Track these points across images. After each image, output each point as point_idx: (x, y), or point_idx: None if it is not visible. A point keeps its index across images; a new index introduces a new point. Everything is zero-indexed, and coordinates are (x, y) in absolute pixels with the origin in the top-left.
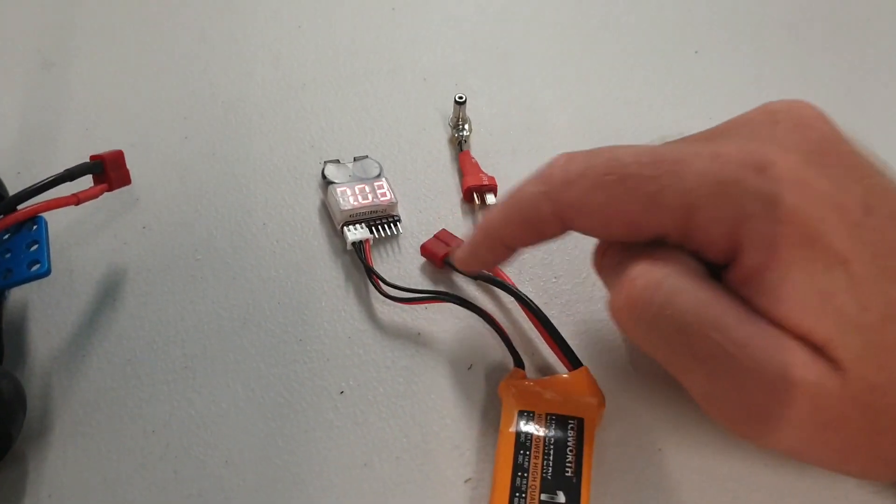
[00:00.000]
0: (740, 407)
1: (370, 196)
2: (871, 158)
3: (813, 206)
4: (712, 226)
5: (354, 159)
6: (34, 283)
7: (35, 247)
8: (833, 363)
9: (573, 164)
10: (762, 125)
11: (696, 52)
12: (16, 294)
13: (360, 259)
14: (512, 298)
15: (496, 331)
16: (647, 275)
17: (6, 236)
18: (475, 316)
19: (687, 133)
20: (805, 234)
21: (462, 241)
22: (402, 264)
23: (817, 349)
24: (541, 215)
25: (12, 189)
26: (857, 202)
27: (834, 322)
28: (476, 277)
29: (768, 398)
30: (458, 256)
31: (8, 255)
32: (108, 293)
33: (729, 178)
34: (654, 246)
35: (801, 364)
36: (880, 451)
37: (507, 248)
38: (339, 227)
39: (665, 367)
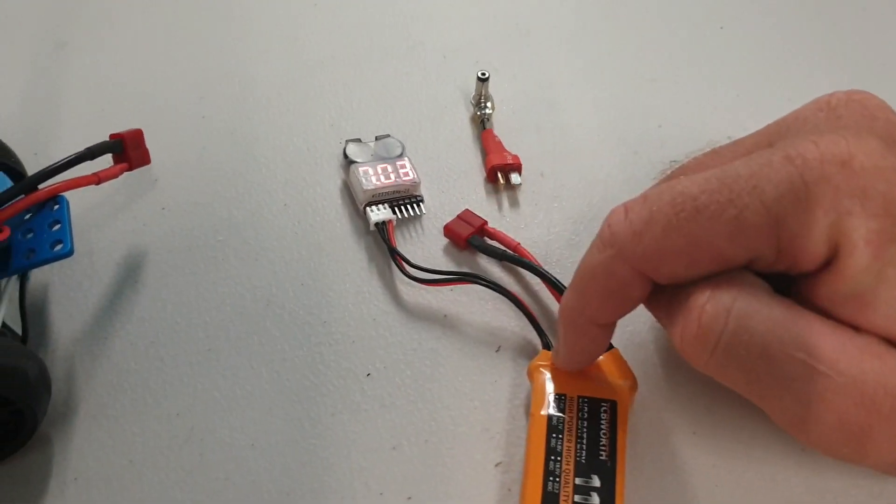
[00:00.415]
0: (839, 429)
1: (393, 176)
2: None
3: None
4: (808, 233)
5: (376, 138)
6: (55, 265)
7: (57, 227)
8: None
9: (635, 214)
10: (825, 120)
11: (721, 27)
12: (37, 276)
13: (384, 240)
14: (538, 279)
15: (523, 312)
16: (715, 300)
17: (28, 216)
18: (501, 297)
19: (736, 136)
20: None
21: (485, 220)
22: (426, 245)
23: None
24: (620, 280)
25: (31, 170)
26: None
27: None
28: (500, 258)
29: (866, 415)
30: (559, 361)
31: (30, 236)
32: (129, 275)
33: (813, 178)
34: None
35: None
36: None
37: (601, 327)
38: (361, 208)
39: (748, 397)
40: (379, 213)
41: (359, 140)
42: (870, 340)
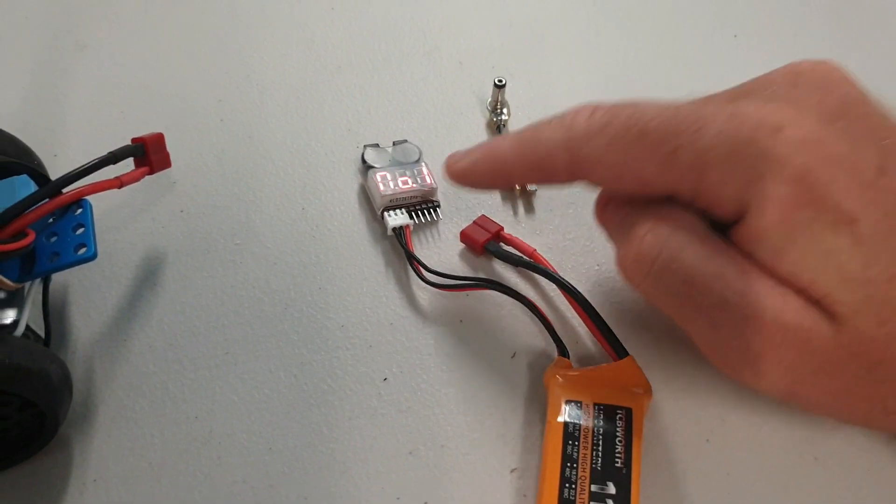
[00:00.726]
0: (738, 352)
1: (410, 181)
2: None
3: (824, 166)
4: (723, 186)
5: (394, 143)
6: (74, 268)
7: (81, 230)
8: (829, 314)
9: (597, 117)
10: (784, 86)
11: (735, 35)
12: (56, 278)
13: (401, 245)
14: (554, 286)
15: (539, 319)
16: (655, 232)
17: (51, 220)
18: (517, 303)
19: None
20: (813, 195)
21: (501, 226)
22: (442, 250)
23: (815, 302)
24: (555, 163)
25: (51, 171)
26: (871, 163)
27: (834, 277)
28: (516, 264)
29: (763, 342)
30: (453, 165)
31: (54, 239)
32: (148, 277)
33: (744, 139)
34: (658, 202)
35: (794, 310)
36: (880, 399)
37: (507, 182)
38: (378, 213)
39: (672, 317)
40: (396, 219)
41: (377, 145)
42: (777, 284)
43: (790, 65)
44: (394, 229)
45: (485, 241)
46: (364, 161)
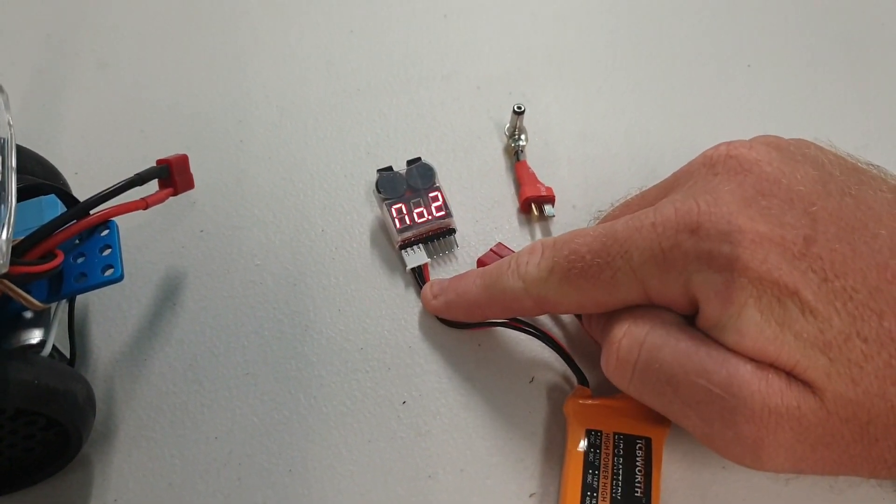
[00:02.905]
0: (735, 441)
1: (425, 212)
2: (834, 169)
3: (751, 249)
4: (666, 291)
5: (408, 163)
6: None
7: (108, 251)
8: (807, 385)
9: (543, 261)
10: (703, 177)
11: (748, 65)
12: (78, 297)
13: (419, 284)
14: (571, 315)
15: (558, 352)
16: (630, 335)
17: (78, 241)
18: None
19: None
20: (751, 276)
21: None
22: None
23: (790, 375)
24: (523, 306)
25: (73, 189)
26: (798, 235)
27: (796, 346)
28: None
29: (757, 430)
30: (429, 301)
31: (81, 260)
32: (168, 297)
33: (668, 247)
34: None
35: (779, 392)
36: (879, 456)
37: (482, 318)
38: (396, 247)
39: (666, 416)
40: (414, 256)
41: (390, 168)
42: (756, 367)
43: (706, 152)
44: (412, 269)
45: None
46: (378, 190)
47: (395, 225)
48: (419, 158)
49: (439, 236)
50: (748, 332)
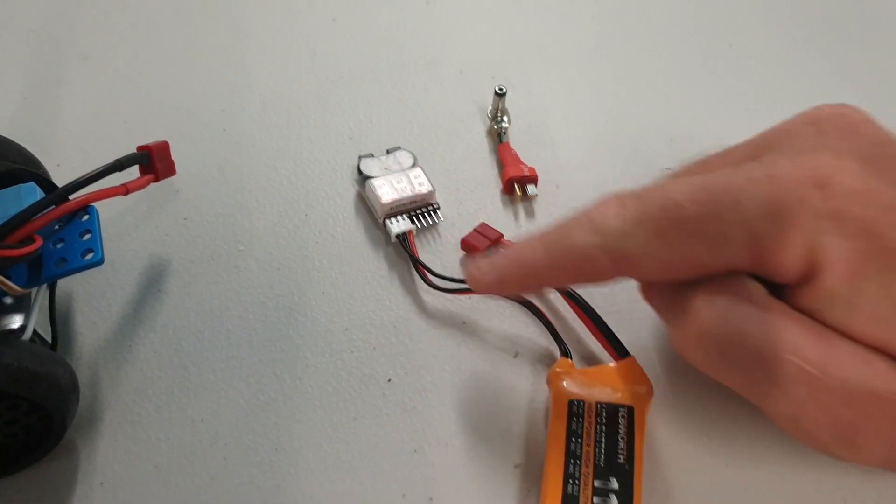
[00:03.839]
0: (828, 426)
1: (408, 187)
2: None
3: (882, 215)
4: (785, 252)
5: (387, 151)
6: (78, 275)
7: (88, 236)
8: None
9: (627, 211)
10: (808, 136)
11: (730, 45)
12: (60, 286)
13: (406, 250)
14: (555, 291)
15: (541, 321)
16: (712, 306)
17: (58, 226)
18: (519, 306)
19: (726, 143)
20: (879, 246)
21: (500, 233)
22: (444, 255)
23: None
24: (597, 266)
25: (55, 180)
26: None
27: None
28: None
29: (855, 414)
30: (481, 278)
31: (61, 245)
32: (152, 284)
33: (792, 201)
34: None
35: (883, 376)
36: None
37: (538, 287)
38: (381, 221)
39: (745, 396)
40: (399, 225)
41: (371, 155)
42: (858, 348)
43: (806, 112)
44: (397, 236)
45: (485, 249)
46: (360, 172)
47: (378, 198)
48: (398, 147)
49: (423, 212)
50: (863, 311)
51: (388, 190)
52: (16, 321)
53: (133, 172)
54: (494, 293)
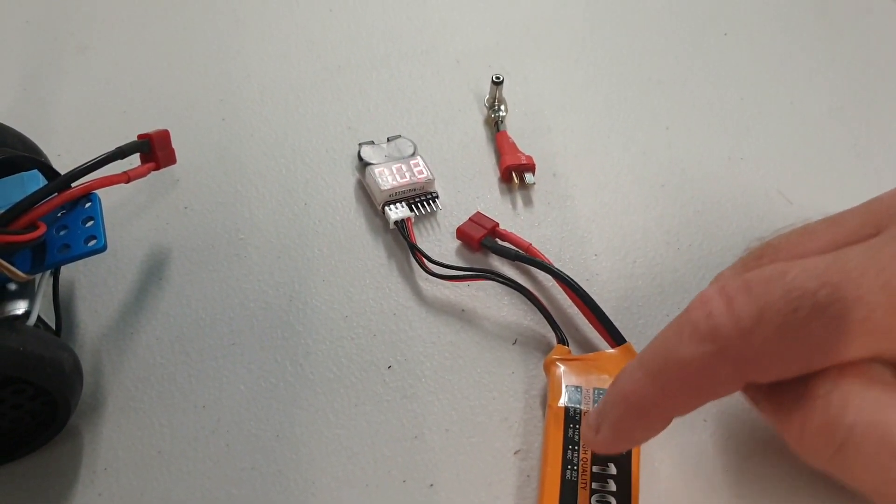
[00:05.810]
0: None
1: (407, 175)
2: None
3: None
4: None
5: (388, 139)
6: (80, 263)
7: (90, 223)
8: None
9: (741, 308)
10: None
11: (725, 33)
12: (63, 274)
13: (404, 237)
14: (552, 279)
15: (538, 308)
16: (842, 390)
17: (61, 213)
18: (517, 294)
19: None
20: None
21: (495, 222)
22: (442, 244)
23: None
24: (717, 379)
25: (57, 169)
26: None
27: None
28: (512, 258)
29: None
30: (589, 438)
31: (64, 232)
32: (154, 272)
33: None
34: None
35: None
36: None
37: (666, 421)
38: (380, 207)
39: (875, 499)
40: (397, 212)
41: (371, 142)
42: None
43: None
44: (396, 222)
45: (481, 237)
46: (360, 159)
47: (378, 184)
48: (399, 135)
49: (422, 200)
50: None
51: (387, 177)
52: (20, 307)
53: (134, 161)
54: (623, 448)
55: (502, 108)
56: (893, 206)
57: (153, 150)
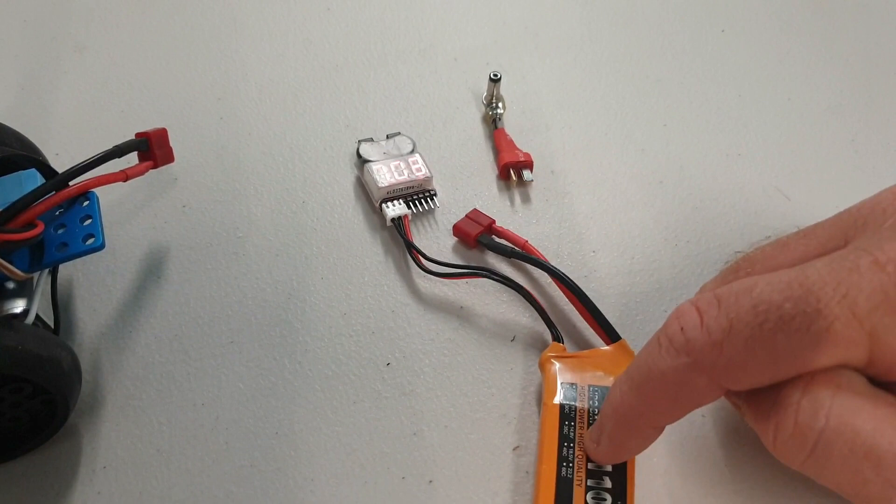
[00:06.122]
0: None
1: (406, 172)
2: None
3: None
4: None
5: (387, 136)
6: (78, 262)
7: (88, 221)
8: None
9: (712, 321)
10: None
11: (722, 31)
12: (61, 272)
13: (400, 234)
14: (547, 276)
15: (533, 306)
16: (812, 396)
17: (59, 212)
18: (514, 292)
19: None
20: None
21: (492, 219)
22: (439, 241)
23: None
24: (694, 389)
25: (54, 168)
26: None
27: None
28: (509, 255)
29: None
30: (592, 450)
31: (62, 231)
32: (152, 271)
33: None
34: None
35: None
36: None
37: (657, 429)
38: (377, 204)
39: (853, 501)
40: (394, 209)
41: (371, 139)
42: None
43: (894, 189)
44: (392, 220)
45: (477, 234)
46: (359, 155)
47: (376, 181)
48: (398, 133)
49: (419, 197)
50: None
51: (385, 174)
52: (18, 305)
53: (132, 160)
54: (621, 458)
55: (500, 105)
56: (860, 217)
57: (151, 149)
